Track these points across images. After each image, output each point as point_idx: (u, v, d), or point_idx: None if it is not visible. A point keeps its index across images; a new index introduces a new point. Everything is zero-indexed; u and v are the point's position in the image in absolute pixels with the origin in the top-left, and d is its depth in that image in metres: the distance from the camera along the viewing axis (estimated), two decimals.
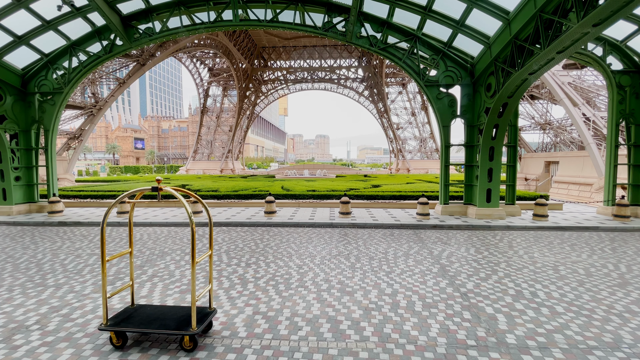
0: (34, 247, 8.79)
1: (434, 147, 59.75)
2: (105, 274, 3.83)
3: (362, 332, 4.29)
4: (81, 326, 4.43)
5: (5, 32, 12.63)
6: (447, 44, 13.03)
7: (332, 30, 13.49)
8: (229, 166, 61.83)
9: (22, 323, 4.51)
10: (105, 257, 3.82)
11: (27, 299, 5.33)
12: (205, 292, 4.11)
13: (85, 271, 6.73)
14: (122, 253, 4.13)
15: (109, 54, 14.03)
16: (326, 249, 8.41)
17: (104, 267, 3.81)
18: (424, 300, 5.31)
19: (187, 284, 5.99)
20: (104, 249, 3.82)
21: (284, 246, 8.73)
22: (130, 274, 4.39)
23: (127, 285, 4.22)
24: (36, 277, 6.37)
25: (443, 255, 7.89)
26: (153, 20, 13.82)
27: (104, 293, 3.82)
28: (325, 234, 10.32)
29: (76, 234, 10.39)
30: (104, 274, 3.82)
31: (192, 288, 3.74)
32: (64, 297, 5.42)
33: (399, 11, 12.74)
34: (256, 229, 11.05)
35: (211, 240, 4.26)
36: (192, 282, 3.74)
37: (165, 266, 7.06)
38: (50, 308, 4.99)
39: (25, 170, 14.48)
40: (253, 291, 5.65)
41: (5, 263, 7.32)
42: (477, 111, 12.87)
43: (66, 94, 14.28)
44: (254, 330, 4.30)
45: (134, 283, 4.42)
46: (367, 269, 6.81)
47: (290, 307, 5.02)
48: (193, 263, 3.73)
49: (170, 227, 11.58)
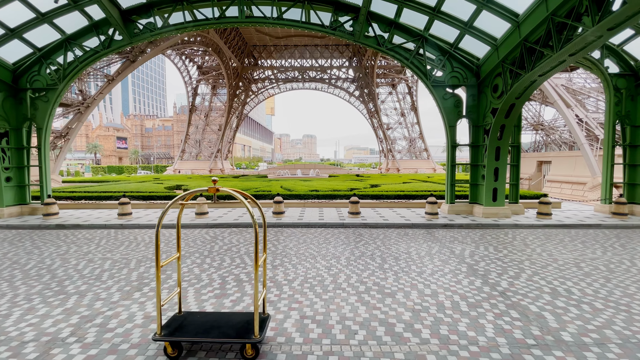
0: (38, 251, 8.30)
1: (422, 147, 60.62)
2: (159, 280, 3.61)
3: (420, 334, 4.22)
4: (123, 336, 4.17)
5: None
6: (454, 45, 13.16)
7: (339, 29, 13.41)
8: (218, 166, 60.79)
9: (56, 335, 4.20)
10: (160, 262, 3.60)
11: (51, 309, 4.99)
12: (261, 297, 3.95)
13: (104, 277, 6.39)
14: (172, 258, 3.91)
15: (107, 49, 13.46)
16: (347, 250, 8.32)
17: (158, 273, 3.59)
18: (467, 300, 5.30)
19: (219, 288, 5.76)
20: (158, 254, 3.60)
21: (304, 247, 8.58)
22: (177, 280, 4.17)
23: (176, 293, 4.00)
24: (53, 284, 5.99)
25: (465, 255, 7.94)
26: (154, 15, 13.35)
27: (158, 301, 3.60)
28: (339, 234, 10.22)
29: (79, 238, 9.90)
30: (159, 281, 3.60)
31: (255, 292, 3.57)
32: (92, 305, 5.11)
33: (407, 11, 12.78)
34: (269, 230, 10.83)
35: (265, 243, 4.09)
36: (255, 286, 3.57)
37: (189, 269, 6.80)
38: (81, 318, 4.69)
39: (17, 171, 13.71)
40: (291, 294, 5.49)
41: (12, 270, 6.86)
42: (483, 112, 13.07)
43: (61, 91, 13.61)
44: (309, 336, 4.16)
45: (181, 289, 4.19)
46: (397, 270, 6.76)
47: (336, 310, 4.90)
48: (256, 266, 3.57)
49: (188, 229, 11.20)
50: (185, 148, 59.50)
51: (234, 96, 54.55)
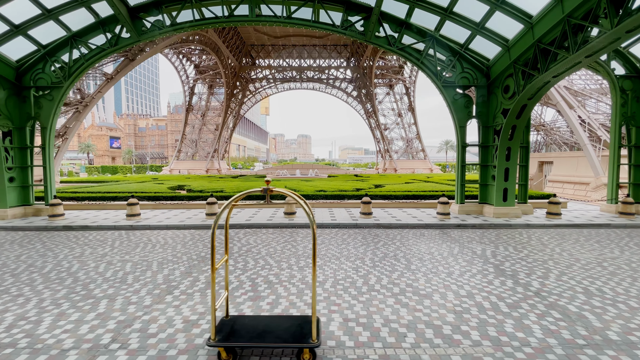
0: (52, 254, 8.08)
1: (419, 148, 60.98)
2: (214, 283, 3.51)
3: (469, 336, 4.19)
4: (168, 342, 4.05)
5: (2, 20, 11.58)
6: (464, 45, 13.22)
7: (350, 28, 13.36)
8: (214, 166, 60.35)
9: (97, 342, 4.06)
10: (215, 264, 3.50)
11: (83, 313, 4.84)
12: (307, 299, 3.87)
13: (129, 279, 6.23)
14: (222, 260, 3.81)
15: (114, 47, 13.21)
16: (369, 251, 8.27)
17: (213, 275, 3.50)
18: (504, 301, 5.28)
19: (252, 291, 5.66)
20: (214, 256, 3.50)
21: (324, 248, 8.50)
22: (225, 283, 4.06)
23: (224, 297, 3.89)
24: (77, 288, 5.82)
25: (487, 255, 7.95)
26: (163, 13, 13.15)
27: (212, 305, 3.50)
28: (355, 234, 10.17)
29: (91, 239, 9.67)
30: (214, 283, 3.50)
31: (313, 295, 3.49)
32: (125, 309, 4.97)
33: (417, 12, 12.79)
34: (283, 231, 10.73)
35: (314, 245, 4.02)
36: (313, 289, 3.50)
37: None
38: (118, 323, 4.55)
39: (20, 171, 13.37)
40: (326, 296, 5.41)
41: (30, 273, 6.66)
42: (493, 112, 13.14)
43: (66, 89, 13.31)
44: (358, 339, 4.09)
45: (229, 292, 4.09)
46: (426, 271, 6.73)
47: (377, 312, 4.84)
48: (314, 267, 3.49)
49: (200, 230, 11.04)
50: (181, 148, 58.92)
51: (231, 96, 54.17)
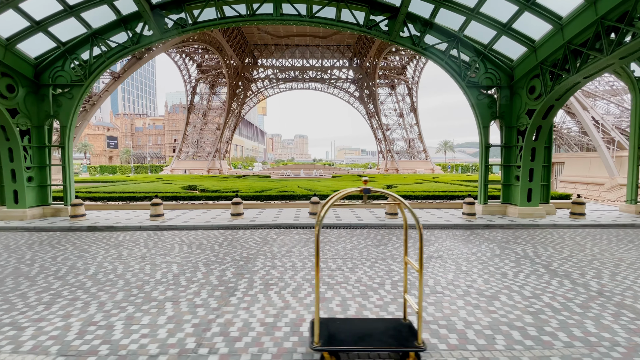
0: (88, 255, 7.90)
1: (421, 148, 61.18)
2: (318, 285, 3.42)
3: (557, 337, 4.16)
4: (256, 346, 3.95)
5: (23, 16, 11.33)
6: (487, 46, 13.24)
7: (375, 28, 13.32)
8: (215, 166, 59.96)
9: (183, 347, 3.94)
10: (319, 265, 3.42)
11: (152, 317, 4.71)
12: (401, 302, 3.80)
13: (182, 281, 6.10)
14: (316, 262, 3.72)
15: (136, 45, 13.02)
16: (411, 251, 8.21)
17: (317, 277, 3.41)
18: (572, 301, 5.26)
19: (313, 292, 5.57)
20: (318, 256, 3.41)
21: (365, 249, 8.43)
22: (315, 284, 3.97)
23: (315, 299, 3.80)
24: (134, 290, 5.69)
25: (530, 255, 7.95)
26: (185, 11, 12.98)
27: (317, 308, 3.42)
28: (388, 235, 10.11)
29: (122, 240, 9.49)
30: (317, 285, 3.41)
31: (420, 296, 3.42)
32: (195, 312, 4.84)
33: (442, 12, 12.77)
34: (310, 232, 10.63)
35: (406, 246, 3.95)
36: (420, 290, 3.42)
37: (267, 272, 6.56)
38: (194, 326, 4.43)
39: (38, 170, 13.11)
40: (393, 298, 5.34)
41: (75, 275, 6.50)
42: (517, 113, 13.18)
43: (86, 87, 13.10)
44: (448, 341, 4.03)
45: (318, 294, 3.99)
46: (480, 271, 6.70)
47: (453, 313, 4.78)
48: (421, 269, 3.42)
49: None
50: (182, 147, 58.46)
51: (233, 95, 53.88)
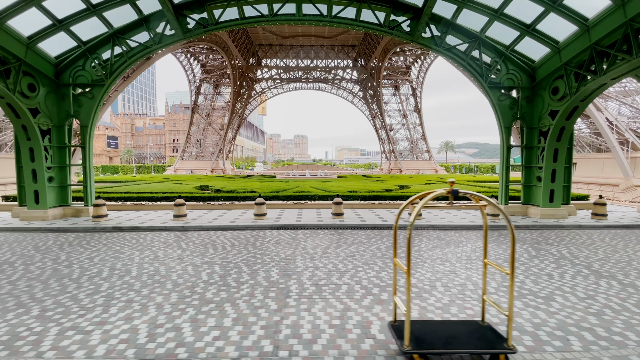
0: (124, 256, 7.84)
1: (424, 148, 61.28)
2: (409, 286, 3.39)
3: (628, 337, 4.16)
4: (334, 348, 3.91)
5: (46, 14, 11.24)
6: (509, 47, 13.25)
7: (397, 29, 13.30)
8: (219, 166, 59.83)
9: (261, 351, 3.88)
10: (410, 266, 3.38)
11: (217, 319, 4.65)
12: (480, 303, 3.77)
13: (231, 282, 6.05)
14: (407, 264, 3.69)
15: (158, 44, 12.95)
16: (449, 252, 8.20)
17: (408, 279, 3.38)
18: (627, 301, 5.27)
19: (367, 295, 5.53)
20: (409, 257, 3.38)
21: (401, 252, 8.40)
22: (393, 287, 3.94)
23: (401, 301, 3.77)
24: (186, 292, 5.63)
25: (567, 255, 7.95)
26: (208, 11, 12.92)
27: (407, 310, 3.39)
28: (419, 235, 10.10)
29: (150, 241, 9.42)
30: (409, 287, 3.38)
31: (510, 298, 3.39)
32: (257, 313, 4.80)
33: (464, 12, 12.77)
34: (337, 232, 10.59)
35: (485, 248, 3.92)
36: (510, 292, 3.40)
37: (312, 273, 6.52)
38: (263, 328, 4.38)
39: (58, 170, 13.02)
40: (451, 300, 5.32)
41: (120, 277, 6.43)
42: (538, 114, 13.20)
43: (107, 87, 13.00)
44: (524, 343, 4.00)
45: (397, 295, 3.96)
46: (524, 272, 6.68)
47: (516, 314, 4.76)
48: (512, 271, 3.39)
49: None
50: (186, 147, 58.31)
51: (237, 95, 53.79)
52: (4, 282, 6.13)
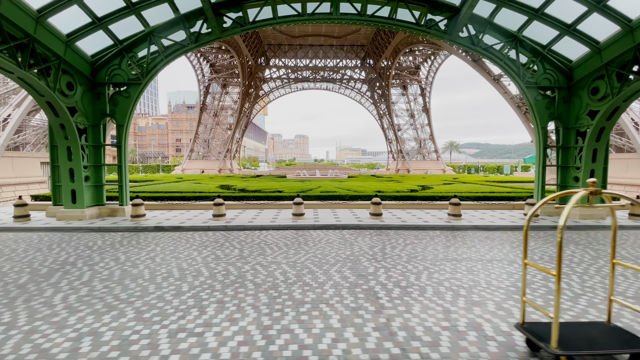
0: (185, 256, 7.76)
1: (432, 149, 61.25)
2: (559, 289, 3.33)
3: None
4: (461, 351, 3.85)
5: (87, 12, 11.13)
6: (546, 46, 13.21)
7: (434, 28, 13.25)
8: (226, 166, 59.75)
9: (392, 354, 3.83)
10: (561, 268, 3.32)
11: (325, 319, 4.59)
12: None
13: (311, 282, 5.98)
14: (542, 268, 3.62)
15: (195, 43, 12.89)
16: (511, 253, 8.15)
17: (559, 283, 3.31)
18: None
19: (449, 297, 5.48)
20: (561, 259, 3.32)
21: (467, 251, 8.35)
22: (522, 288, 3.88)
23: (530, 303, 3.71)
24: (271, 292, 5.56)
25: (626, 256, 7.90)
26: (243, 10, 12.85)
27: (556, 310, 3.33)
28: (462, 237, 10.04)
29: (201, 240, 9.33)
30: (559, 290, 3.32)
31: None
32: (361, 315, 4.73)
33: (503, 11, 12.71)
34: (384, 232, 10.53)
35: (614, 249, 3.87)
36: None
37: (390, 277, 6.46)
38: (377, 330, 4.32)
39: (93, 170, 12.93)
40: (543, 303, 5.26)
41: (195, 276, 6.36)
42: (575, 114, 13.16)
43: (144, 86, 12.92)
44: None
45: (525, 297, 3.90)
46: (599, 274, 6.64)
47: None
48: None
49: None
50: (193, 147, 58.19)
51: (246, 95, 53.70)
52: (77, 284, 6.05)
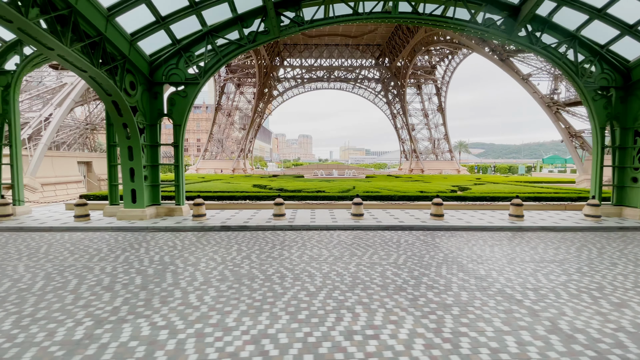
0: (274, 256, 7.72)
1: (446, 149, 61.01)
2: None
3: None
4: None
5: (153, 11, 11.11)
6: (604, 46, 13.10)
7: (492, 27, 13.15)
8: (240, 165, 59.77)
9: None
10: None
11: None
12: None
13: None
14: None
15: (252, 43, 12.84)
16: (583, 254, 8.06)
17: None
18: None
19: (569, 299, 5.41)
20: None
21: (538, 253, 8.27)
22: None
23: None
24: (403, 293, 5.51)
25: None
26: (302, 9, 12.80)
27: None
28: (527, 238, 9.96)
29: (275, 240, 9.27)
30: None
31: None
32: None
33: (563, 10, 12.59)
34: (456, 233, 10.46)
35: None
36: None
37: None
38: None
39: (151, 169, 12.93)
40: None
41: (297, 278, 6.32)
42: (633, 114, 13.03)
43: (201, 86, 12.90)
44: None
45: None
46: None
47: None
48: None
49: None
50: (207, 147, 58.24)
51: (261, 95, 53.70)
52: (197, 284, 6.01)
